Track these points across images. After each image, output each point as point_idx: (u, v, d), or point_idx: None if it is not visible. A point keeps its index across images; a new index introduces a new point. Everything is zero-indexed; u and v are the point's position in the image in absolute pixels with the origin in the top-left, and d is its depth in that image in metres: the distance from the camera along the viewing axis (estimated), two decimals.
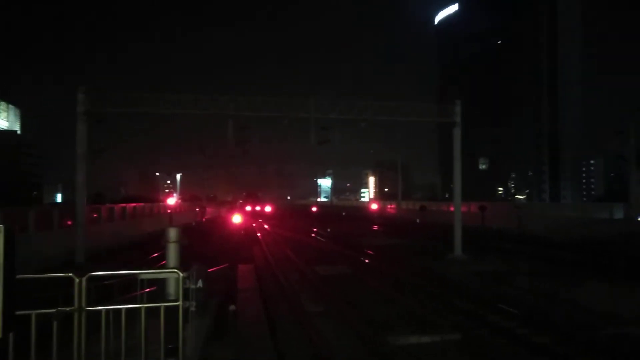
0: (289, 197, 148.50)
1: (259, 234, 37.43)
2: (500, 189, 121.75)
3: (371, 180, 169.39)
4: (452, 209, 27.68)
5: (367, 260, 22.46)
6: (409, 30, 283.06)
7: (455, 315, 11.87)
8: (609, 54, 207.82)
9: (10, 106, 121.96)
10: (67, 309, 4.46)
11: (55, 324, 4.41)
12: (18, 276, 3.40)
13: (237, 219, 44.55)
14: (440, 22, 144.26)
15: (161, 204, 49.56)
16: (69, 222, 22.64)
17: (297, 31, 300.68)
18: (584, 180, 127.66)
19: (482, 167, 60.15)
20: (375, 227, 44.87)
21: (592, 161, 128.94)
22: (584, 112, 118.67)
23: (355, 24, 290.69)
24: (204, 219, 53.24)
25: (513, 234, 30.58)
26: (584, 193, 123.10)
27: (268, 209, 78.28)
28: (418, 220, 47.48)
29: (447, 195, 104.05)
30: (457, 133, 23.74)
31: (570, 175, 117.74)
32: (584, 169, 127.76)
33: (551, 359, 8.69)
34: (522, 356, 9.08)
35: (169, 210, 44.14)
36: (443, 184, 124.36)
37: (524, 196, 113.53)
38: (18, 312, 3.83)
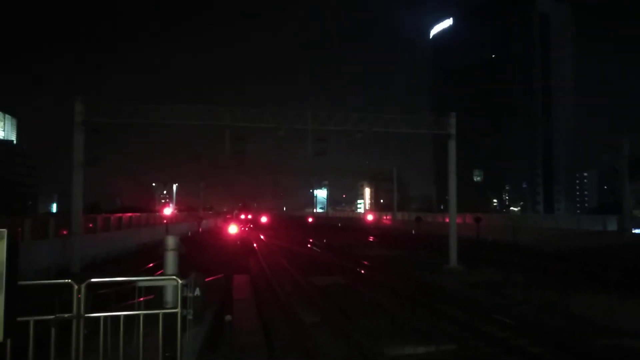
0: (284, 208, 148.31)
1: (254, 245, 37.35)
2: (495, 200, 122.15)
3: (367, 191, 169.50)
4: (447, 220, 27.76)
5: (362, 271, 22.47)
6: (404, 43, 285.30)
7: (451, 325, 11.90)
8: (602, 68, 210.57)
9: (7, 116, 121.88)
10: (66, 315, 4.48)
11: (53, 330, 4.43)
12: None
13: (233, 229, 44.50)
14: (435, 36, 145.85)
15: (157, 214, 49.39)
16: (64, 232, 22.54)
17: (293, 39, 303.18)
18: (578, 193, 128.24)
19: (477, 179, 60.24)
20: (371, 238, 44.88)
21: (585, 173, 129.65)
22: (578, 125, 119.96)
23: (350, 35, 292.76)
24: (200, 229, 53.10)
25: (508, 246, 30.66)
26: (578, 205, 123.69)
27: (264, 219, 78.09)
28: (414, 232, 47.50)
29: (442, 207, 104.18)
30: (452, 145, 23.87)
31: (564, 187, 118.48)
32: (577, 181, 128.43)
33: None
34: None
35: (165, 221, 44.01)
36: (438, 195, 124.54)
37: (518, 208, 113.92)
38: (17, 319, 3.86)
